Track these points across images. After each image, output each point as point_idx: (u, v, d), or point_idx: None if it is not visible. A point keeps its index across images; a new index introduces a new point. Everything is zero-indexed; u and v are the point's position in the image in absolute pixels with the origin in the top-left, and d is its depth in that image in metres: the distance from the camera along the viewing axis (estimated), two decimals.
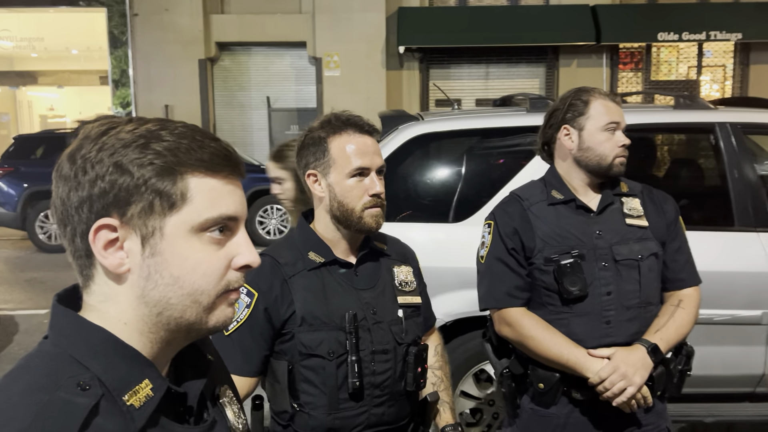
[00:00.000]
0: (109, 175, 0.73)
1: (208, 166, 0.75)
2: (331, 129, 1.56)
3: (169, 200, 0.74)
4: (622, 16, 11.01)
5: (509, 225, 1.94)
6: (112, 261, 0.74)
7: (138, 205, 0.73)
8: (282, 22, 11.65)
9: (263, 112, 12.19)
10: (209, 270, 0.76)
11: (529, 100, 3.34)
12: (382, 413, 1.56)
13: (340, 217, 1.55)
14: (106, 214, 0.73)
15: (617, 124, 1.89)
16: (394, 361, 1.57)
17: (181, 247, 0.75)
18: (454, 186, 3.31)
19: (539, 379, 1.91)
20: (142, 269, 0.75)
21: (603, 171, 1.90)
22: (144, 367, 0.75)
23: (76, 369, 0.72)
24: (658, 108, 3.70)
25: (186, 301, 0.76)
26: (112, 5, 11.89)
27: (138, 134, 0.74)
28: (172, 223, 0.74)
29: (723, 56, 11.79)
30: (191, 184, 0.75)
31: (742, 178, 3.07)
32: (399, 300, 1.62)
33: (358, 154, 1.53)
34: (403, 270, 1.67)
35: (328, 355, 1.50)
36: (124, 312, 0.76)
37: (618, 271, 1.86)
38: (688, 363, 1.91)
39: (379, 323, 1.56)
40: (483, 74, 11.86)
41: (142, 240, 0.74)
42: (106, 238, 0.74)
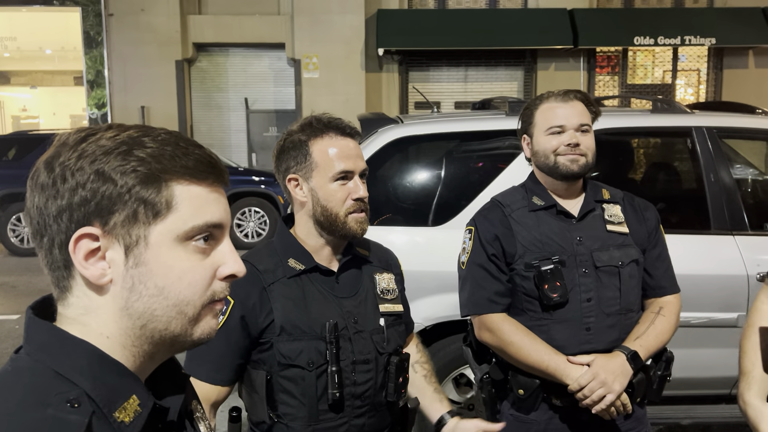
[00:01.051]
0: (90, 183, 0.70)
1: (193, 174, 0.74)
2: (312, 132, 1.52)
3: (153, 208, 0.72)
4: (598, 21, 11.14)
5: (490, 231, 1.93)
6: (94, 272, 0.72)
7: (121, 213, 0.71)
8: (260, 23, 11.59)
9: (241, 114, 12.10)
10: (194, 280, 0.75)
11: (508, 104, 3.35)
12: (363, 424, 1.53)
13: (324, 222, 1.51)
14: (87, 223, 0.71)
15: (561, 127, 1.87)
16: (375, 372, 1.53)
17: (166, 257, 0.73)
18: (433, 189, 3.30)
19: (519, 385, 1.90)
20: (125, 280, 0.72)
21: (553, 172, 1.89)
22: (131, 381, 0.73)
23: (63, 385, 0.69)
24: (637, 112, 3.73)
25: (171, 313, 0.74)
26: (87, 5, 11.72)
27: (120, 141, 0.72)
28: (157, 231, 0.72)
29: (697, 61, 11.98)
30: (176, 192, 0.73)
31: (718, 182, 3.10)
32: (381, 308, 1.58)
33: (341, 157, 1.49)
34: (385, 277, 1.63)
35: (307, 366, 1.46)
36: (105, 324, 0.74)
37: (598, 278, 1.86)
38: (668, 368, 1.91)
39: (361, 332, 1.52)
40: (462, 77, 11.90)
41: (125, 249, 0.72)
42: (87, 248, 0.71)
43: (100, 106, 12.05)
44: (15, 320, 5.92)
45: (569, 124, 1.86)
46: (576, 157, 1.85)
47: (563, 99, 1.89)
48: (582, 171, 1.87)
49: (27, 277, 7.63)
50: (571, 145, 1.85)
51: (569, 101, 1.89)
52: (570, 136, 1.85)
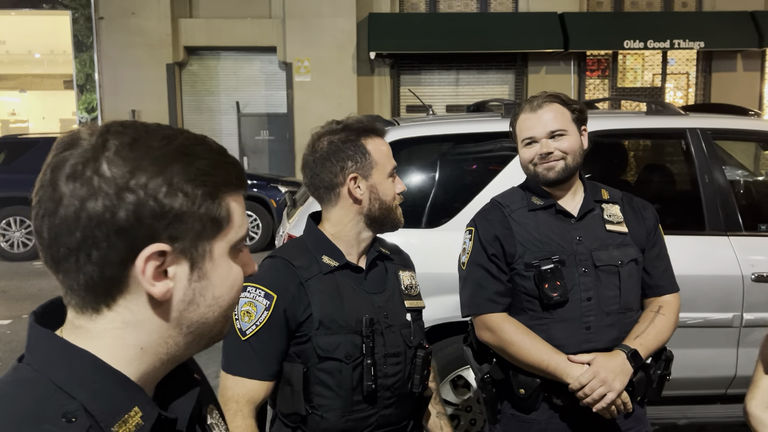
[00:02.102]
0: (162, 197, 0.68)
1: (238, 185, 0.76)
2: (363, 132, 1.61)
3: (218, 223, 0.73)
4: (589, 24, 11.21)
5: (490, 232, 1.94)
6: (161, 289, 0.70)
7: (191, 229, 0.71)
8: (252, 26, 11.57)
9: (233, 117, 12.07)
10: (239, 284, 0.78)
11: (504, 106, 3.36)
12: (390, 414, 1.60)
13: (380, 216, 1.60)
14: (156, 240, 0.68)
15: (532, 138, 1.91)
16: (404, 364, 1.60)
17: (224, 268, 0.75)
18: (428, 192, 3.31)
19: (520, 384, 1.91)
20: (186, 293, 0.73)
21: (536, 181, 1.94)
22: (134, 393, 0.71)
23: (61, 398, 0.67)
24: (632, 114, 3.75)
25: (221, 318, 0.77)
26: (77, 8, 11.67)
27: (177, 151, 0.71)
28: (219, 245, 0.74)
29: (686, 64, 12.08)
30: (232, 205, 0.75)
31: (713, 183, 3.12)
32: (406, 304, 1.66)
33: (389, 155, 1.63)
34: (408, 275, 1.71)
35: (345, 359, 1.52)
36: (146, 336, 0.72)
37: (598, 277, 1.87)
38: (668, 367, 1.92)
39: (391, 327, 1.60)
40: (453, 80, 11.94)
41: (191, 264, 0.72)
42: (155, 265, 0.69)
43: (90, 110, 11.98)
44: (6, 325, 5.87)
45: (539, 134, 1.90)
46: (551, 164, 1.89)
47: (532, 109, 1.92)
48: (560, 176, 1.89)
49: (17, 281, 7.57)
50: (542, 155, 1.89)
51: (538, 110, 1.91)
52: (541, 146, 1.89)
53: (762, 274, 2.97)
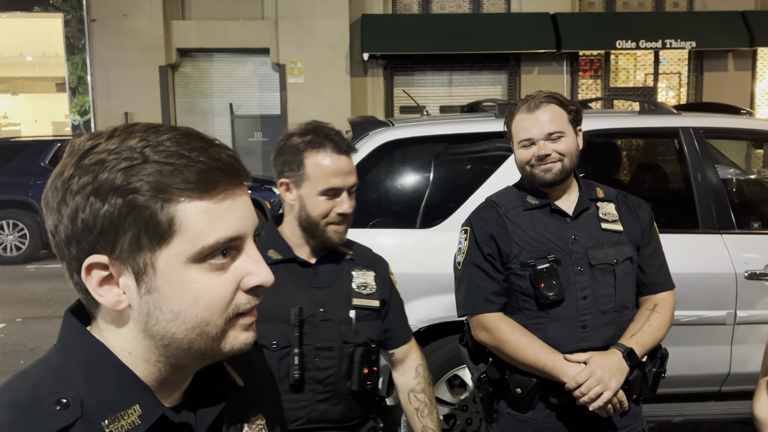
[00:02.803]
0: (89, 207, 0.66)
1: (196, 188, 0.67)
2: (310, 143, 1.61)
3: (156, 232, 0.66)
4: (581, 25, 11.25)
5: (485, 231, 1.94)
6: (109, 299, 0.69)
7: (124, 239, 0.66)
8: (244, 28, 11.55)
9: (226, 119, 12.04)
10: (212, 300, 0.69)
11: (498, 106, 3.37)
12: (325, 410, 1.61)
13: (306, 227, 1.64)
14: (94, 251, 0.67)
15: (529, 140, 1.89)
16: (338, 359, 1.62)
17: (179, 281, 0.68)
18: (423, 192, 3.31)
19: (516, 384, 1.91)
20: (140, 305, 0.69)
21: (531, 181, 1.93)
22: (138, 390, 0.70)
23: (61, 385, 0.68)
24: (625, 113, 3.77)
25: (192, 335, 0.69)
26: (69, 11, 11.62)
27: (120, 156, 0.66)
28: (164, 257, 0.67)
29: (678, 64, 12.13)
30: (179, 212, 0.66)
31: (705, 182, 3.14)
32: (354, 302, 1.67)
33: (332, 174, 1.60)
34: (365, 274, 1.72)
35: (271, 346, 1.56)
36: (129, 342, 0.71)
37: (593, 276, 1.87)
38: (663, 365, 1.93)
39: (328, 321, 1.62)
40: (446, 81, 11.95)
41: (135, 277, 0.68)
42: (99, 276, 0.68)
43: (83, 112, 11.93)
44: (0, 329, 5.84)
45: (536, 135, 1.88)
46: (548, 166, 1.88)
47: (529, 110, 1.90)
48: (557, 177, 1.89)
49: (11, 285, 7.52)
50: (540, 156, 1.88)
51: (535, 111, 1.89)
52: (539, 148, 1.88)
53: (755, 272, 2.99)
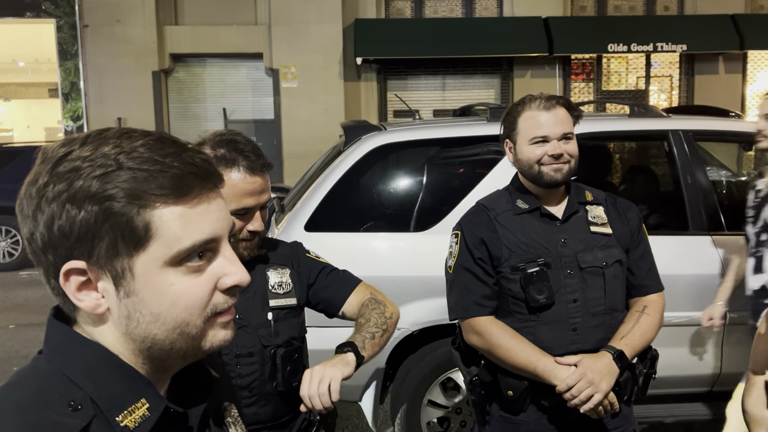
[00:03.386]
0: (65, 214, 0.67)
1: (171, 193, 0.68)
2: (222, 160, 1.54)
3: (132, 238, 0.68)
4: (573, 28, 11.30)
5: (476, 235, 1.95)
6: (88, 303, 0.70)
7: (101, 245, 0.68)
8: (237, 33, 11.56)
9: (220, 124, 12.03)
10: (190, 302, 0.71)
11: (489, 110, 3.39)
12: (254, 413, 1.62)
13: None
14: (71, 257, 0.68)
15: (545, 137, 1.88)
16: (260, 363, 1.61)
17: (157, 284, 0.69)
18: (415, 195, 3.33)
19: (508, 386, 1.92)
20: (120, 309, 0.70)
21: (537, 181, 1.92)
22: (142, 385, 0.72)
23: (68, 388, 0.69)
24: (615, 116, 3.80)
25: (173, 335, 0.71)
26: (61, 16, 11.59)
27: (94, 163, 0.67)
28: (141, 262, 0.69)
29: (669, 67, 12.20)
30: (155, 218, 0.68)
31: (695, 184, 3.17)
32: (271, 303, 1.65)
33: (244, 195, 1.56)
34: (280, 272, 1.69)
35: None
36: (112, 345, 0.73)
37: (583, 279, 1.88)
38: (653, 366, 1.95)
39: (245, 327, 1.60)
40: (440, 85, 11.98)
41: (113, 281, 0.69)
42: (77, 281, 0.69)
43: (76, 118, 11.90)
44: None
45: (552, 134, 1.88)
46: (559, 166, 1.88)
47: (546, 107, 1.89)
48: (565, 179, 1.91)
49: (3, 291, 7.48)
50: (554, 155, 1.88)
51: (552, 109, 1.89)
52: (554, 147, 1.87)
53: None
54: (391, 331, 1.68)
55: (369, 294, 1.74)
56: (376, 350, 1.61)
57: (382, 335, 1.63)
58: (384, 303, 1.71)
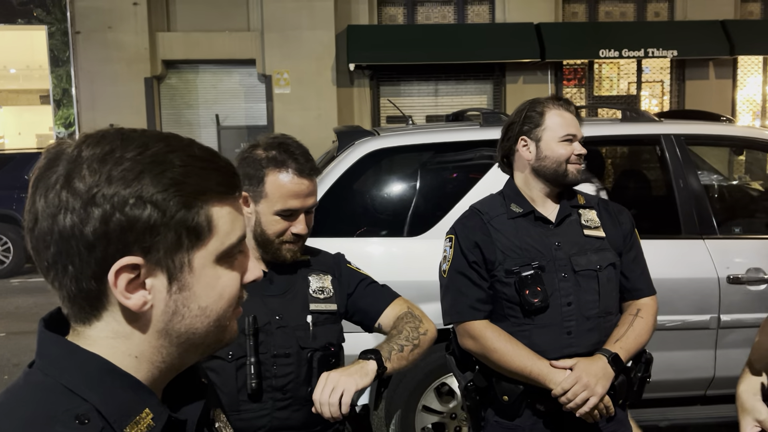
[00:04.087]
0: (128, 209, 0.66)
1: (224, 191, 0.73)
2: (272, 161, 1.58)
3: (196, 233, 0.70)
4: (565, 34, 11.36)
5: (470, 239, 1.95)
6: (136, 301, 0.69)
7: (164, 241, 0.68)
8: (230, 39, 11.55)
9: (212, 130, 12.01)
10: (231, 294, 0.75)
11: (482, 115, 3.40)
12: (287, 417, 1.59)
13: (260, 242, 1.62)
14: (126, 253, 0.67)
15: (574, 136, 1.93)
16: (296, 365, 1.60)
17: (209, 278, 0.72)
18: (409, 200, 3.33)
19: (503, 391, 1.92)
20: (167, 305, 0.71)
21: (560, 180, 1.93)
22: (144, 395, 0.71)
23: (72, 401, 0.67)
24: (607, 121, 3.82)
25: (211, 327, 0.74)
26: (53, 23, 11.58)
27: (149, 160, 0.68)
28: (200, 256, 0.71)
29: (660, 72, 12.27)
30: (214, 213, 0.71)
31: (687, 188, 3.18)
32: (311, 307, 1.65)
33: (291, 195, 1.57)
34: (322, 278, 1.70)
35: (227, 357, 1.54)
36: (137, 346, 0.72)
37: (577, 282, 1.89)
38: (647, 370, 1.95)
39: (283, 327, 1.60)
40: (432, 91, 12.01)
41: (168, 276, 0.70)
42: (128, 278, 0.68)
43: (68, 124, 11.87)
44: None
45: (579, 134, 1.94)
46: (581, 167, 1.94)
47: (568, 108, 1.95)
48: (582, 180, 1.96)
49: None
50: (581, 155, 1.92)
51: (573, 112, 1.95)
52: (579, 146, 1.92)
53: (737, 276, 3.03)
54: (424, 347, 1.65)
55: (406, 308, 1.72)
56: (403, 364, 1.58)
57: (412, 350, 1.60)
58: (420, 318, 1.69)
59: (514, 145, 1.98)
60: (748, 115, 12.19)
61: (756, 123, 11.97)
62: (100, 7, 11.07)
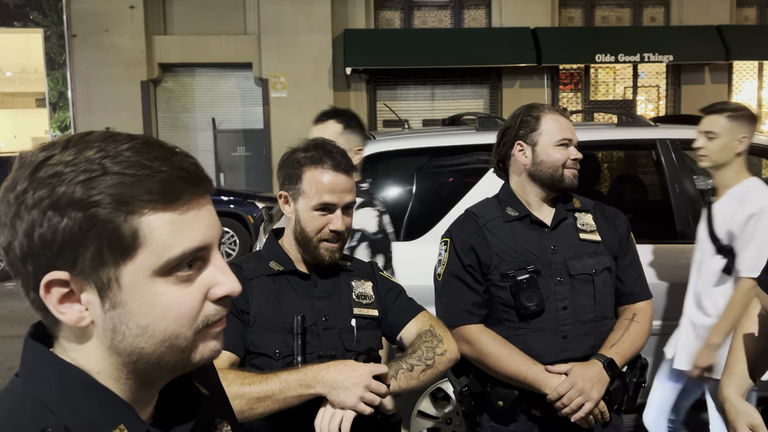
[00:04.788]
0: (47, 222, 0.62)
1: (160, 199, 0.65)
2: (310, 159, 1.63)
3: (120, 247, 0.64)
4: (561, 39, 11.39)
5: (465, 242, 1.94)
6: (71, 317, 0.66)
7: (86, 254, 0.64)
8: (227, 43, 11.56)
9: (209, 134, 12.01)
10: (181, 313, 0.67)
11: (478, 119, 3.40)
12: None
13: (300, 241, 1.64)
14: (53, 267, 0.64)
15: (569, 140, 1.93)
16: None
17: (145, 295, 0.66)
18: (405, 204, 3.32)
19: (498, 396, 1.91)
20: (105, 322, 0.66)
21: (556, 184, 1.93)
22: (120, 410, 0.68)
23: (41, 413, 0.65)
24: (603, 126, 3.82)
25: (161, 348, 0.68)
26: (49, 26, 11.57)
27: (78, 168, 0.63)
28: (129, 271, 0.65)
29: (656, 77, 12.32)
30: (143, 225, 0.64)
31: (683, 192, 3.18)
32: (354, 311, 1.67)
33: (327, 190, 1.60)
34: (364, 284, 1.72)
35: (274, 355, 1.55)
36: (95, 361, 0.69)
37: (573, 286, 1.88)
38: (643, 375, 1.94)
39: (329, 329, 1.61)
40: (429, 95, 12.02)
41: (98, 292, 0.65)
42: (60, 293, 0.65)
43: (64, 128, 11.85)
44: None
45: (575, 138, 1.94)
46: (576, 172, 1.94)
47: (563, 113, 1.96)
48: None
49: None
50: (576, 159, 1.93)
51: (567, 116, 1.97)
52: (576, 151, 1.93)
53: None
54: (440, 369, 1.60)
55: (429, 325, 1.68)
56: (413, 384, 1.56)
57: (424, 370, 1.57)
58: (441, 338, 1.65)
59: (510, 149, 1.97)
60: None
61: None
62: (96, 10, 11.07)
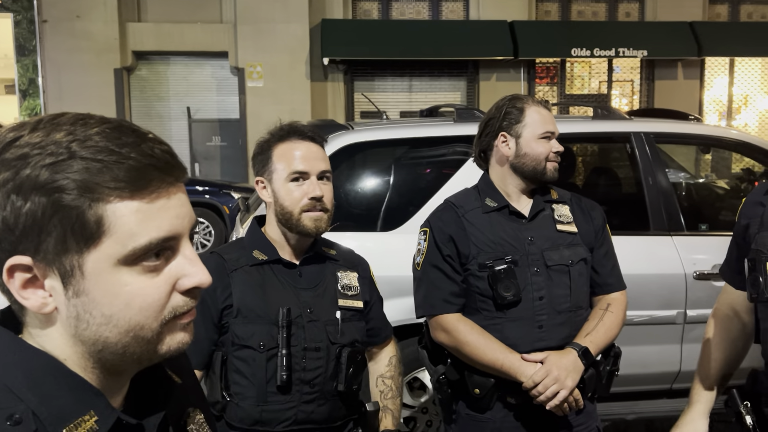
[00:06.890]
0: (10, 205, 0.62)
1: (127, 186, 0.64)
2: (275, 138, 1.63)
3: (83, 234, 0.63)
4: (538, 33, 11.46)
5: (444, 232, 1.95)
6: (34, 302, 0.65)
7: (49, 240, 0.63)
8: (202, 31, 11.40)
9: (183, 123, 11.85)
10: (146, 304, 0.66)
11: (456, 111, 3.41)
12: (312, 411, 1.60)
13: (283, 219, 1.62)
14: (15, 252, 0.63)
15: (552, 133, 1.94)
16: (326, 360, 1.61)
17: (109, 284, 0.65)
18: (383, 195, 3.32)
19: (475, 384, 1.93)
20: (69, 309, 0.66)
21: (538, 177, 1.94)
22: (90, 396, 0.67)
23: (9, 400, 0.64)
24: (578, 118, 3.86)
25: (125, 339, 0.67)
26: (19, 11, 11.27)
27: (44, 150, 0.62)
28: (93, 259, 0.64)
29: (630, 72, 12.46)
30: (108, 212, 0.63)
31: (656, 185, 3.23)
32: (339, 302, 1.67)
33: (297, 158, 1.60)
34: (349, 275, 1.72)
35: (258, 347, 1.55)
36: (61, 348, 0.68)
37: (549, 276, 1.90)
38: (616, 364, 1.98)
39: (314, 321, 1.61)
40: (406, 87, 12.02)
41: (62, 279, 0.64)
42: (23, 278, 0.64)
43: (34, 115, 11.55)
44: None
45: (557, 131, 1.95)
46: (557, 164, 1.95)
47: (544, 106, 1.97)
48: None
49: None
50: (558, 153, 1.94)
51: (549, 110, 1.97)
52: (557, 144, 1.94)
53: (703, 272, 3.09)
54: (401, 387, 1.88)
55: (394, 351, 1.87)
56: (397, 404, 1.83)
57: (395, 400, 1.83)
58: (400, 370, 1.87)
59: (494, 140, 1.97)
60: (715, 115, 12.46)
61: (722, 123, 12.24)
62: None
